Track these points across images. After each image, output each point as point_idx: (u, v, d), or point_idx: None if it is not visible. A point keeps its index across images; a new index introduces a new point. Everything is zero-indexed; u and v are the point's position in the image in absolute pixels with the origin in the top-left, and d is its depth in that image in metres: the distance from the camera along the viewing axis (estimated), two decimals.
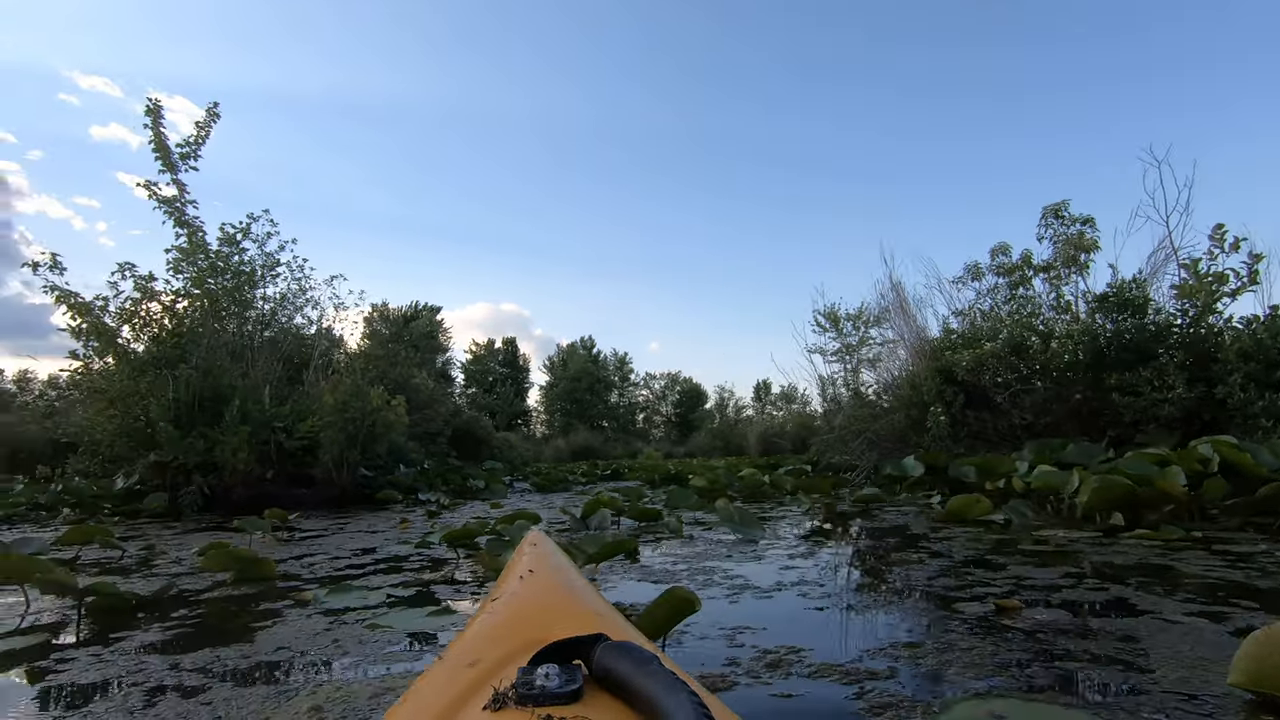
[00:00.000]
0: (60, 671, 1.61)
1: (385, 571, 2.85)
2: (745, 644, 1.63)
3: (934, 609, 1.95)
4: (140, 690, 1.45)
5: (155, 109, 8.68)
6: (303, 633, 1.86)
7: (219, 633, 1.93)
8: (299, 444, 7.67)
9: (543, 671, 0.62)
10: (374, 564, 3.08)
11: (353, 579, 2.67)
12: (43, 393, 31.58)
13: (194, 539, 4.37)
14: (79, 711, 1.34)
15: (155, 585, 2.66)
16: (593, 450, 34.65)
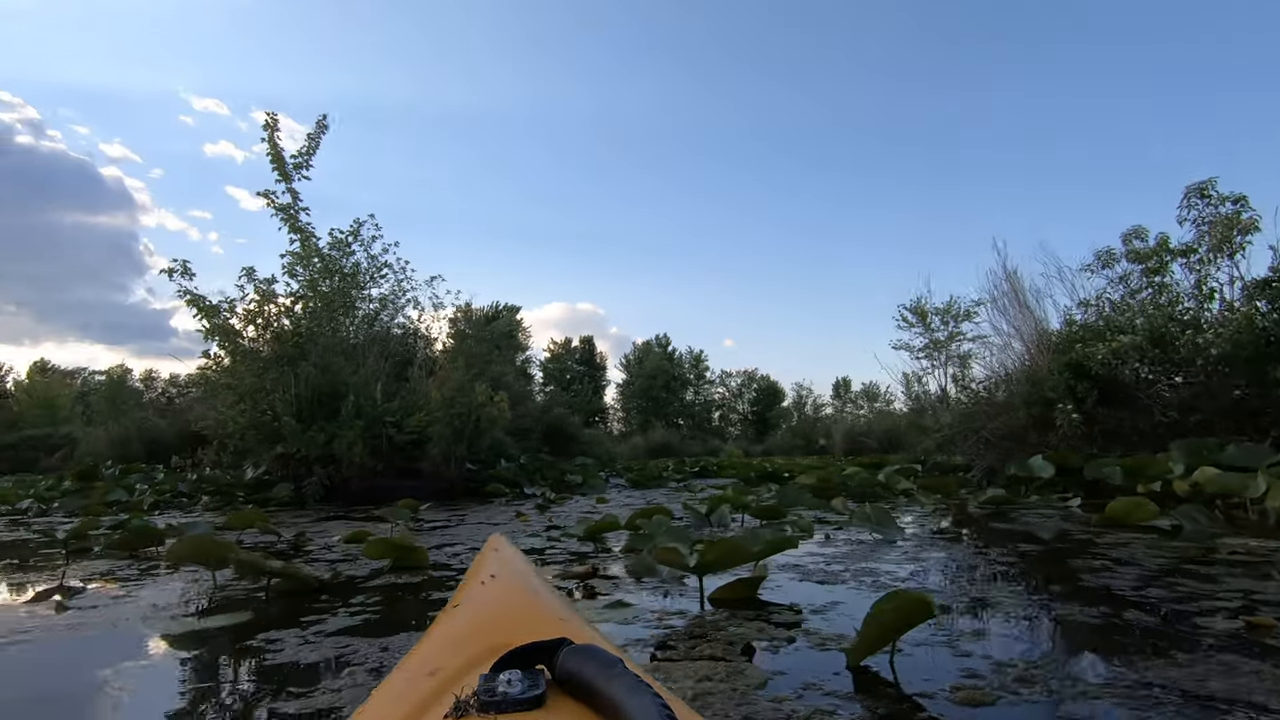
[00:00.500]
0: (275, 652, 1.66)
1: (538, 561, 2.86)
2: (973, 653, 1.50)
3: (1169, 624, 1.75)
4: (363, 670, 1.47)
5: (271, 123, 9.20)
6: None
7: (406, 618, 1.96)
8: (408, 438, 7.96)
9: (505, 678, 0.61)
10: None
11: None
12: (164, 390, 34.51)
13: (330, 526, 4.56)
14: (316, 689, 1.37)
15: (319, 570, 2.76)
16: (670, 448, 34.55)
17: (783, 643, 1.62)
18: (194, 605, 2.24)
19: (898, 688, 1.31)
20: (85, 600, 2.35)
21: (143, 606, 2.23)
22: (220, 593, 2.40)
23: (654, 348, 58.71)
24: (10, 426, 20.00)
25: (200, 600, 2.31)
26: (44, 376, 29.96)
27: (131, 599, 2.35)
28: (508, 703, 0.58)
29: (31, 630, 1.95)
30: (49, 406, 24.56)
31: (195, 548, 2.38)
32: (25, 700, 1.44)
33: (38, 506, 6.57)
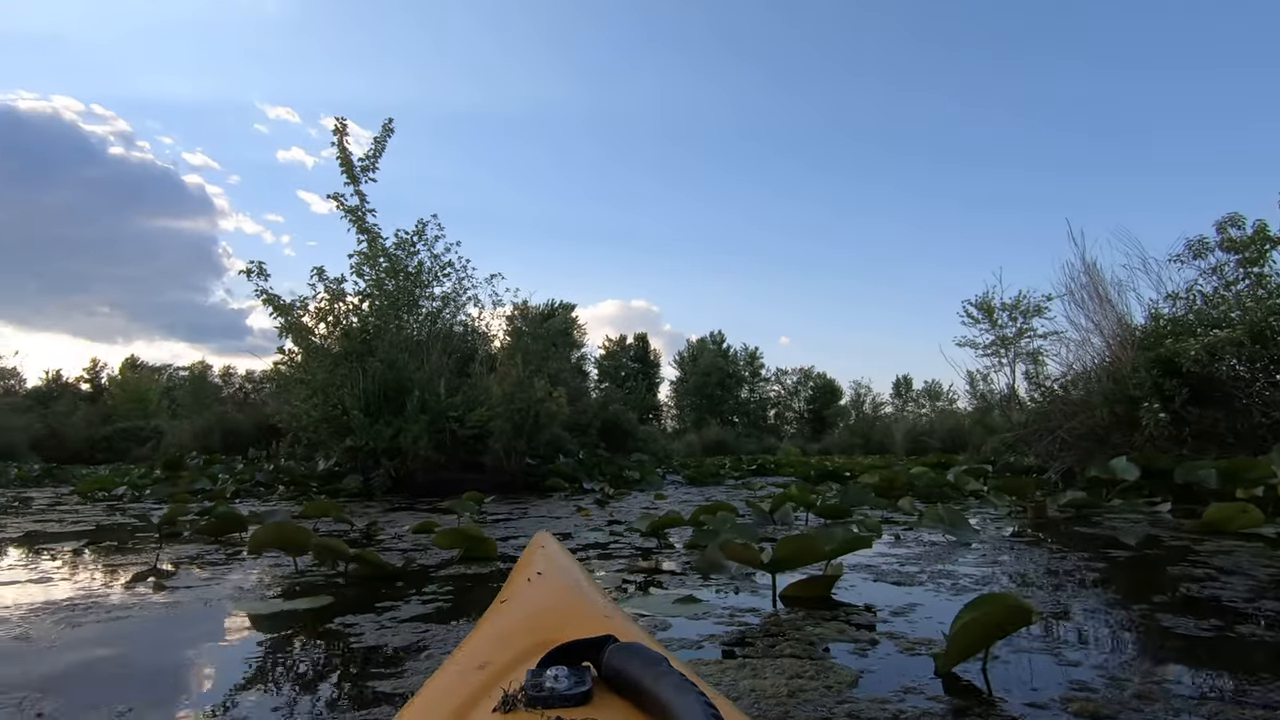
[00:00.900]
0: (355, 636, 1.70)
1: (599, 558, 2.87)
2: (1080, 663, 1.41)
3: None
4: (442, 654, 1.49)
5: (341, 128, 9.53)
6: None
7: (477, 606, 1.98)
8: (470, 433, 8.13)
9: (552, 673, 0.61)
10: (581, 549, 3.11)
11: None
12: (241, 385, 36.36)
13: (398, 517, 4.70)
14: (401, 670, 1.39)
15: (392, 558, 2.84)
16: (725, 445, 34.24)
17: (866, 644, 1.56)
18: (277, 588, 2.33)
19: (1001, 697, 1.23)
20: (179, 581, 2.47)
21: (230, 588, 2.34)
22: (301, 577, 2.49)
23: (708, 345, 58.43)
24: (105, 419, 21.43)
25: (282, 583, 2.40)
26: (134, 373, 31.99)
27: (220, 581, 2.47)
28: (555, 698, 0.59)
29: (134, 607, 2.07)
30: (139, 401, 26.24)
31: (277, 534, 2.47)
32: (133, 668, 1.52)
33: (132, 493, 7.01)
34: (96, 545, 3.54)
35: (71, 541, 3.66)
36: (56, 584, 2.50)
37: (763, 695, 1.22)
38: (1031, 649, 1.51)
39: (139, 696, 1.32)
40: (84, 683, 1.42)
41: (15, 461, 13.61)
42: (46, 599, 2.21)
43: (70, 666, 1.51)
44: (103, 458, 17.20)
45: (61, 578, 2.61)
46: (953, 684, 1.31)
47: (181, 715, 1.23)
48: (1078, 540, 3.45)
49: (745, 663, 1.40)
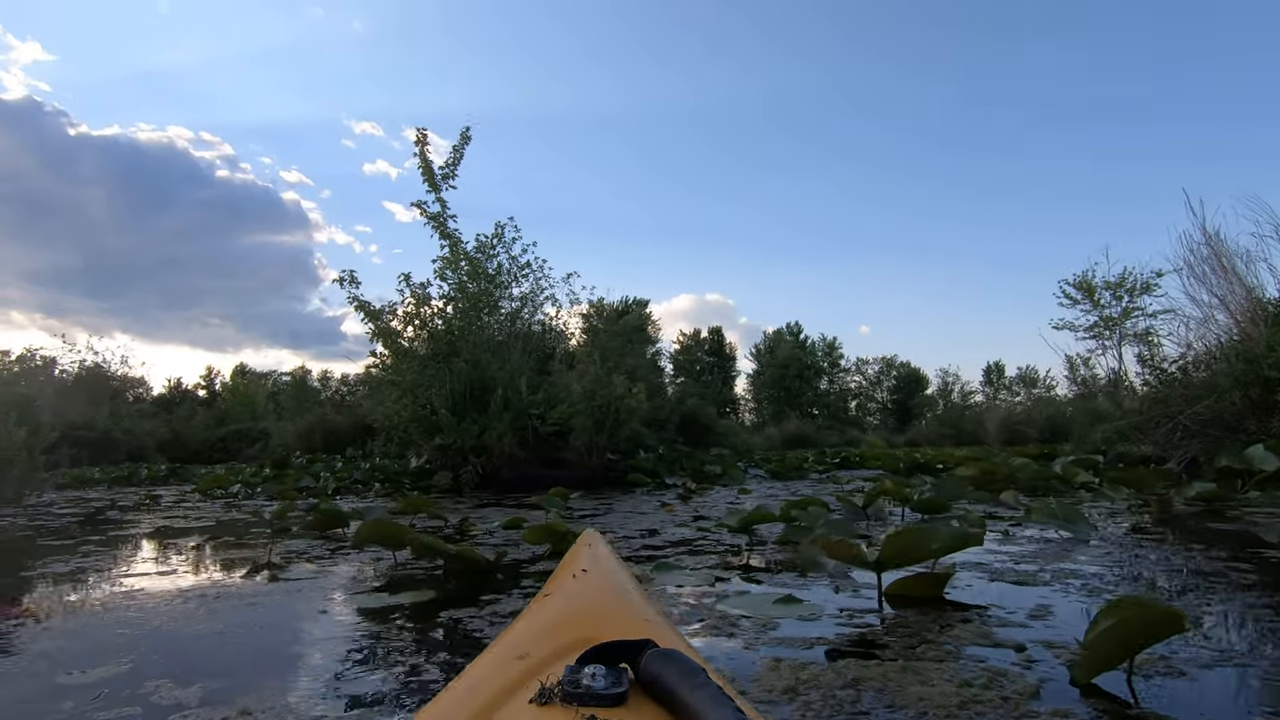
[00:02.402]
0: (466, 628, 1.73)
1: (688, 554, 2.83)
2: (1263, 676, 1.25)
3: None
4: None
5: (422, 138, 9.86)
6: None
7: None
8: (552, 429, 8.27)
9: (589, 671, 0.61)
10: (669, 545, 3.08)
11: (660, 559, 2.66)
12: (337, 388, 38.54)
13: (488, 512, 4.82)
14: None
15: (485, 553, 2.89)
16: (806, 438, 33.45)
17: (1011, 649, 1.44)
18: (382, 580, 2.41)
19: (1177, 713, 1.10)
20: (291, 574, 2.60)
21: (339, 580, 2.44)
22: (401, 570, 2.57)
23: (785, 336, 57.30)
24: (220, 422, 23.17)
25: (386, 576, 2.49)
26: (243, 379, 34.49)
27: (327, 574, 2.58)
28: (591, 696, 0.59)
29: (254, 597, 2.19)
30: (249, 404, 28.27)
31: (378, 530, 2.56)
32: (258, 652, 1.60)
33: (245, 490, 7.52)
34: (216, 540, 3.79)
35: (195, 536, 3.94)
36: (184, 575, 2.69)
37: (932, 704, 1.14)
38: (1184, 660, 1.35)
39: (265, 679, 1.38)
40: (215, 663, 1.50)
41: (145, 462, 14.91)
42: (177, 588, 2.37)
43: (204, 649, 1.60)
44: (218, 457, 18.57)
45: (188, 570, 2.81)
46: (1097, 695, 1.19)
47: (304, 694, 1.29)
48: (1213, 537, 3.13)
49: (907, 666, 1.32)
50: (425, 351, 8.82)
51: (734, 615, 1.73)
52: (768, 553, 2.84)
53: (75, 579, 2.67)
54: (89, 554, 3.33)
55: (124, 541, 3.87)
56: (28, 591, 2.50)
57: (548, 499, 3.96)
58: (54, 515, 5.45)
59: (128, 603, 2.15)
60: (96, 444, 14.89)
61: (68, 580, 2.66)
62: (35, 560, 3.21)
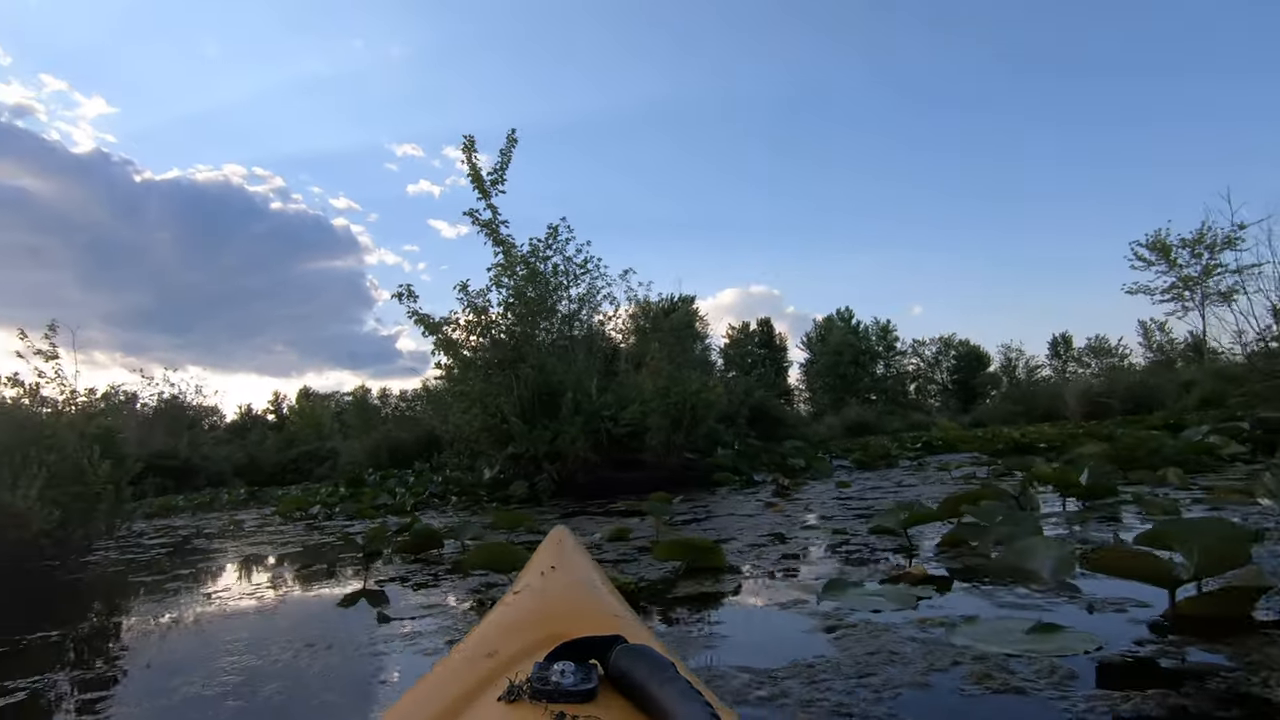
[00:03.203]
0: None
1: (844, 562, 2.43)
2: None
3: None
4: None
5: (469, 145, 9.67)
6: (888, 648, 1.44)
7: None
8: (625, 431, 7.95)
9: (559, 668, 0.61)
10: (811, 553, 2.69)
11: (818, 574, 2.27)
12: (396, 404, 39.34)
13: (580, 523, 4.50)
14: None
15: (608, 573, 2.55)
16: (868, 425, 32.42)
17: None
18: None
19: None
20: (400, 610, 2.31)
21: (455, 617, 2.13)
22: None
23: (836, 323, 56.04)
24: (289, 444, 23.77)
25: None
26: (308, 402, 35.48)
27: (439, 608, 2.27)
28: (560, 693, 0.59)
29: (372, 644, 1.89)
30: (315, 426, 29.01)
31: (492, 555, 2.25)
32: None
33: (324, 511, 7.43)
34: (309, 569, 3.57)
35: (287, 567, 3.73)
36: (283, 614, 2.43)
37: None
38: None
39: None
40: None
41: (224, 487, 15.28)
42: (280, 637, 2.10)
43: (324, 696, 1.29)
44: (291, 478, 18.99)
45: (287, 609, 2.55)
46: None
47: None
48: None
49: None
50: (490, 359, 8.63)
51: (992, 654, 1.33)
52: (935, 557, 2.41)
53: (168, 632, 2.44)
54: (179, 591, 3.14)
55: (214, 575, 3.70)
56: (124, 644, 2.28)
57: (652, 504, 3.60)
58: (143, 546, 5.40)
59: (228, 665, 1.88)
60: (179, 472, 15.34)
61: (160, 632, 2.44)
62: (126, 600, 3.04)
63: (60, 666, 1.97)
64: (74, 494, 3.97)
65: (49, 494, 3.69)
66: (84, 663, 2.01)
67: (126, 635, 2.37)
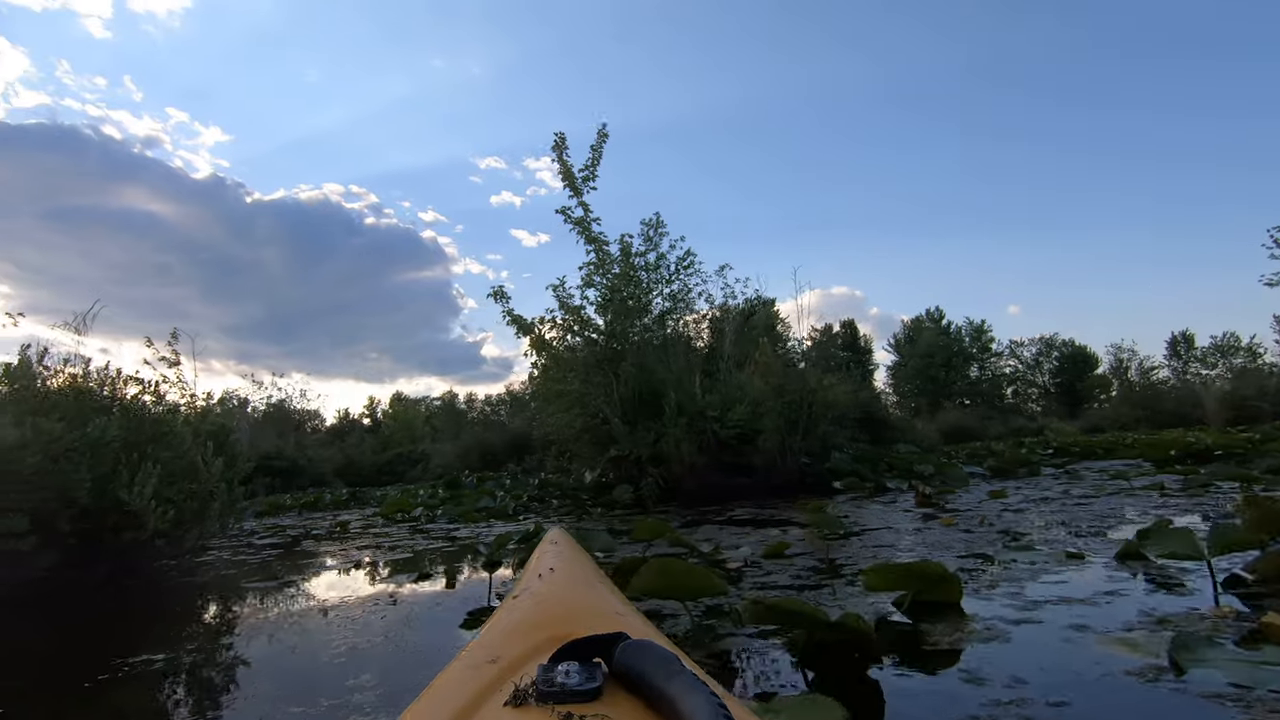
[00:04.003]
0: None
1: (1114, 596, 1.82)
2: None
3: None
4: None
5: (561, 142, 9.39)
6: None
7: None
8: (731, 433, 7.41)
9: (563, 669, 0.62)
10: (1056, 583, 2.08)
11: (1124, 620, 1.68)
12: (481, 409, 40.20)
13: (708, 532, 4.00)
14: None
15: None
16: (968, 430, 30.37)
17: None
18: (713, 663, 1.61)
19: None
20: None
21: None
22: (714, 637, 1.76)
23: (925, 324, 53.38)
24: (385, 447, 24.52)
25: (707, 651, 1.68)
26: (401, 406, 36.71)
27: None
28: (565, 693, 0.59)
29: None
30: (408, 429, 29.88)
31: (668, 578, 1.77)
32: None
33: (426, 514, 7.26)
34: (425, 580, 3.24)
35: (402, 578, 3.40)
36: (405, 637, 2.05)
37: None
38: None
39: None
40: None
41: (326, 487, 15.73)
42: (408, 639, 1.70)
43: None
44: (386, 480, 19.45)
45: (410, 635, 2.17)
46: None
47: None
48: None
49: None
50: (588, 358, 8.29)
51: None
52: (1232, 592, 1.77)
53: (286, 654, 2.10)
54: (294, 599, 2.86)
55: (327, 585, 3.42)
56: (238, 680, 1.94)
57: (816, 514, 3.05)
58: (254, 546, 5.30)
59: (361, 701, 1.48)
60: (285, 472, 15.93)
61: (280, 649, 2.10)
62: (240, 609, 2.78)
63: (173, 707, 1.64)
64: (188, 492, 3.82)
65: (164, 492, 3.53)
66: (198, 701, 1.68)
67: (245, 653, 2.05)
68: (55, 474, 3.05)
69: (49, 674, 2.09)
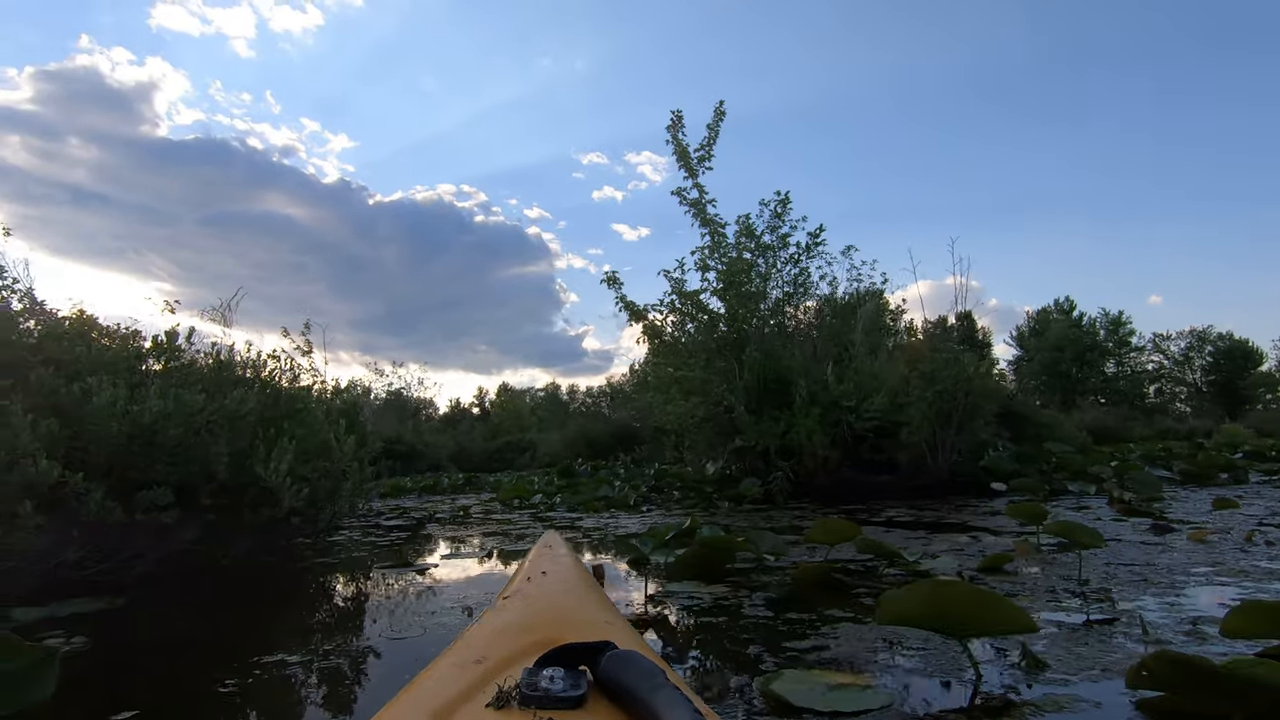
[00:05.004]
0: None
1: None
2: None
3: None
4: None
5: (677, 120, 8.92)
6: None
7: None
8: (870, 424, 6.73)
9: (548, 674, 0.62)
10: None
11: None
12: (583, 400, 40.76)
13: (877, 535, 3.45)
14: None
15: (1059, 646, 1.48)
16: (1111, 431, 27.38)
17: None
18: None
19: None
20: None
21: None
22: (1002, 696, 1.25)
23: (1053, 315, 49.03)
24: (494, 435, 25.21)
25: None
26: (507, 396, 37.84)
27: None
28: (549, 699, 0.59)
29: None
30: (516, 418, 30.64)
31: (931, 605, 1.28)
32: None
33: (545, 501, 7.08)
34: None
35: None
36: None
37: None
38: None
39: None
40: None
41: (442, 471, 16.22)
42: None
43: None
44: (496, 466, 19.90)
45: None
46: None
47: None
48: None
49: None
50: (707, 343, 7.82)
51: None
52: None
53: (427, 647, 1.77)
54: (428, 590, 2.59)
55: (461, 571, 3.17)
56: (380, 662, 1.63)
57: (1021, 508, 2.44)
58: (382, 528, 5.25)
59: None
60: (405, 456, 16.57)
61: (413, 650, 1.78)
62: (374, 594, 2.53)
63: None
64: (322, 470, 3.70)
65: (298, 470, 3.41)
66: (333, 692, 1.37)
67: (378, 643, 1.75)
68: (196, 446, 2.96)
69: (187, 662, 1.89)
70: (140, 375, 3.35)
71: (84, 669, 1.80)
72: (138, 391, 2.93)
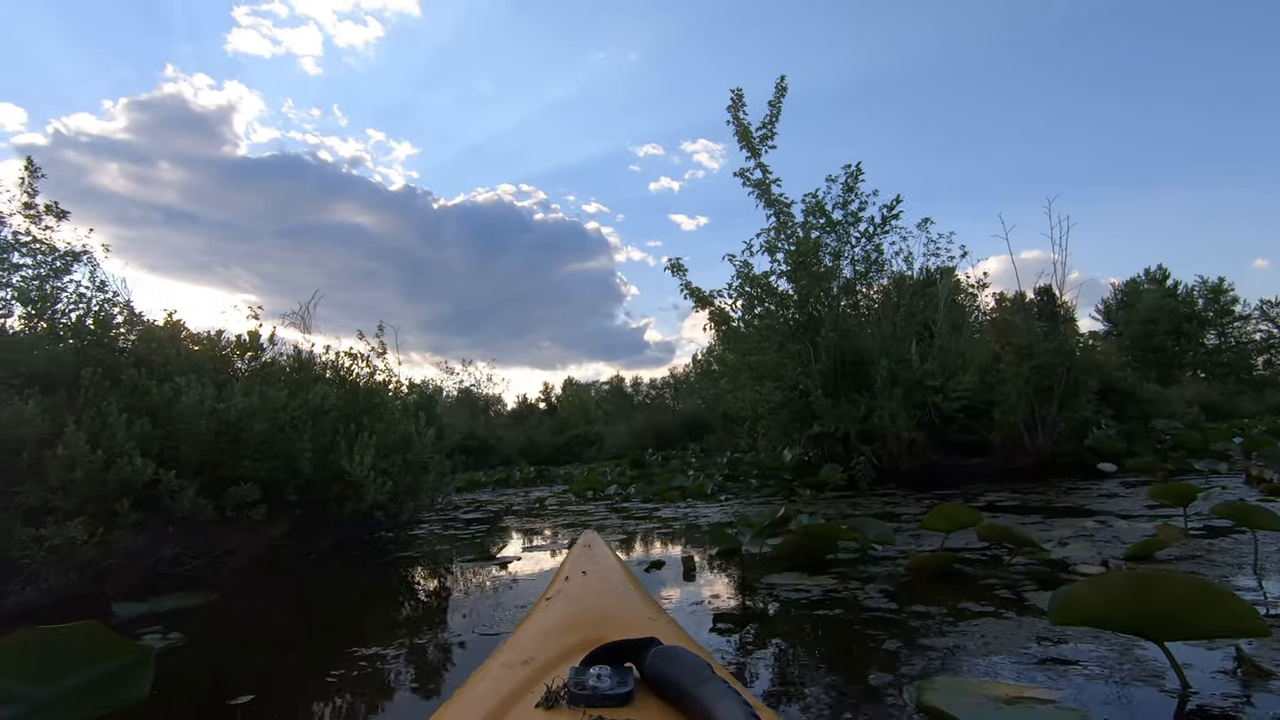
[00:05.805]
0: None
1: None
2: None
3: None
4: None
5: (738, 99, 8.62)
6: None
7: None
8: (957, 404, 6.33)
9: (595, 672, 0.62)
10: None
11: None
12: (646, 392, 40.72)
13: (1024, 523, 3.16)
14: None
15: None
16: (1216, 406, 25.28)
17: None
18: None
19: None
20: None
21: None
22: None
23: (1143, 285, 45.70)
24: (561, 429, 25.47)
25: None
26: (573, 390, 38.20)
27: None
28: (597, 697, 0.59)
29: None
30: (582, 411, 30.91)
31: (1141, 600, 1.06)
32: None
33: (620, 492, 6.99)
34: (656, 566, 2.76)
35: (634, 568, 2.97)
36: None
37: None
38: None
39: None
40: None
41: (513, 465, 16.47)
42: None
43: None
44: (564, 459, 20.09)
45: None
46: None
47: None
48: None
49: None
50: (780, 326, 7.55)
51: None
52: None
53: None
54: (512, 583, 2.50)
55: (543, 569, 3.08)
56: None
57: (1168, 488, 2.12)
58: (461, 521, 5.26)
59: None
60: (477, 450, 16.91)
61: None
62: (456, 588, 2.46)
63: None
64: (403, 464, 3.69)
65: (380, 464, 3.40)
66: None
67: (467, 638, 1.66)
68: (281, 441, 2.97)
69: (289, 654, 1.87)
70: (226, 375, 3.40)
71: (186, 661, 1.80)
72: (224, 390, 2.96)
